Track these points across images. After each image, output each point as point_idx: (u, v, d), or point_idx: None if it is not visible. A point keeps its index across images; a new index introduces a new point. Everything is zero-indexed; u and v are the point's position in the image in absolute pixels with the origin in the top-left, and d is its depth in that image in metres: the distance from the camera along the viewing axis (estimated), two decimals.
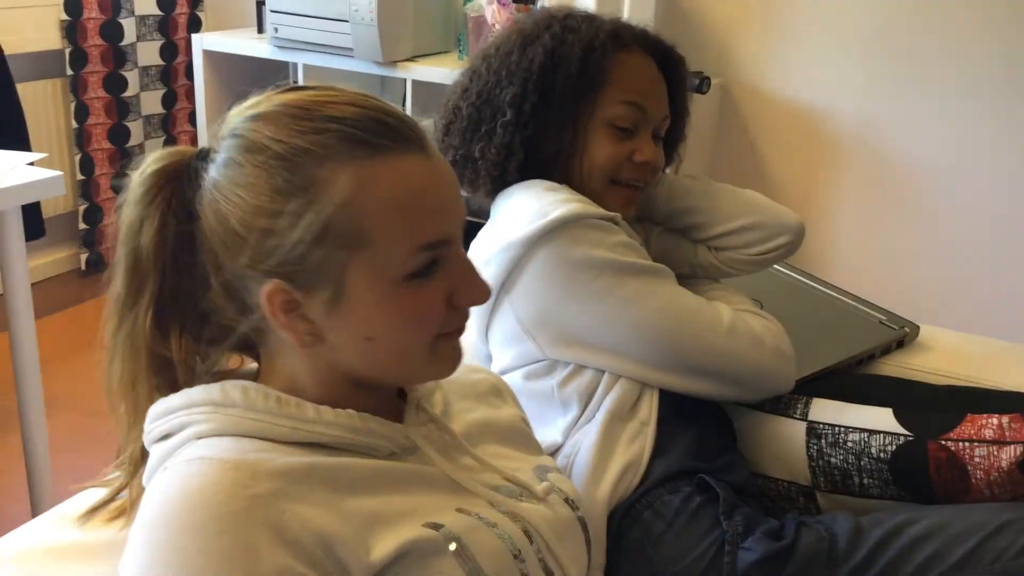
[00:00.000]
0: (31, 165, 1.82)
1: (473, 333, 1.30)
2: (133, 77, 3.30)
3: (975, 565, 1.02)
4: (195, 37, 3.20)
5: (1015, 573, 1.01)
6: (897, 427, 1.21)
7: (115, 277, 0.83)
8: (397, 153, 0.78)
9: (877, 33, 2.72)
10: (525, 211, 1.22)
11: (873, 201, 2.86)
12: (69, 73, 3.11)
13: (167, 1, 3.38)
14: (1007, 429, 1.16)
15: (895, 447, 1.20)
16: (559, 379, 1.22)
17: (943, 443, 1.17)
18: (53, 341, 2.47)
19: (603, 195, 1.28)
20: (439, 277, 0.80)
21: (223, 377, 0.85)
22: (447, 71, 1.36)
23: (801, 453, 1.25)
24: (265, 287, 0.78)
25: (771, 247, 1.35)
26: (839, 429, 1.24)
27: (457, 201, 0.83)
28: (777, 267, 1.71)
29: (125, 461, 0.88)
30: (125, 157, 3.35)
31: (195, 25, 3.51)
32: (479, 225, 1.32)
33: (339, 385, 0.84)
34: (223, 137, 0.81)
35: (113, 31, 3.20)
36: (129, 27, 3.24)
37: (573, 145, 1.29)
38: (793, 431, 1.27)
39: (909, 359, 1.53)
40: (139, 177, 0.82)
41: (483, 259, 1.23)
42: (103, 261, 3.33)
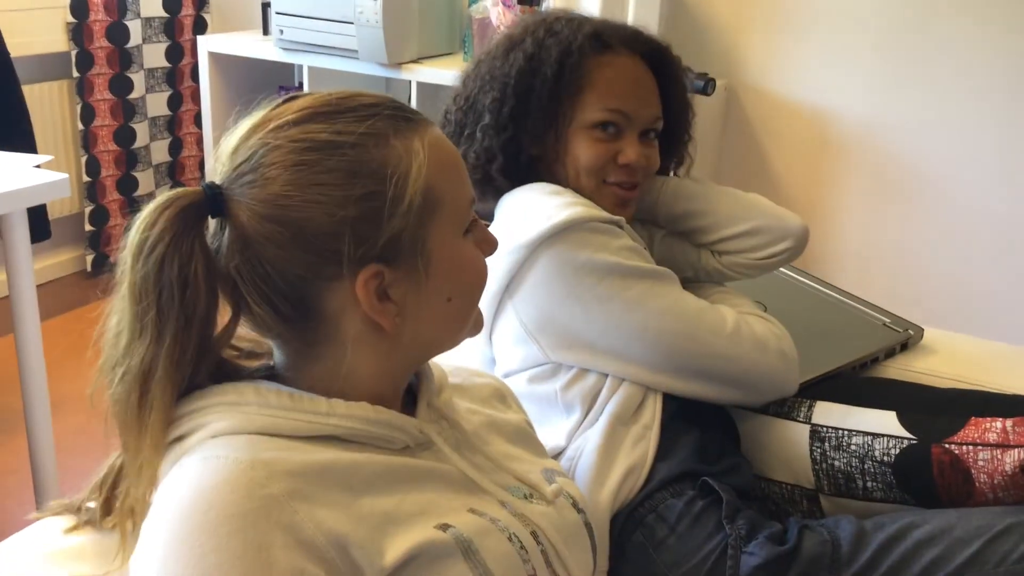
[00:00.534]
0: (37, 167, 1.82)
1: (477, 337, 1.30)
2: (139, 79, 3.31)
3: (979, 569, 1.02)
4: (200, 39, 3.21)
5: None
6: (901, 430, 1.21)
7: (138, 317, 0.78)
8: (424, 125, 0.84)
9: (883, 34, 2.72)
10: (529, 214, 1.22)
11: (878, 203, 2.86)
12: (75, 75, 3.12)
13: (173, 3, 3.39)
14: (1011, 433, 1.16)
15: (899, 450, 1.20)
16: (562, 383, 1.22)
17: (947, 447, 1.17)
18: (59, 343, 2.47)
19: (595, 196, 1.28)
20: (472, 231, 0.88)
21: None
22: (452, 73, 1.37)
23: (805, 456, 1.25)
24: (362, 275, 0.79)
25: (774, 251, 1.35)
26: (843, 432, 1.24)
27: None
28: (781, 269, 1.71)
29: (101, 491, 0.87)
30: (131, 158, 3.36)
31: (201, 27, 3.52)
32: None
33: (388, 378, 0.85)
34: (256, 155, 0.79)
35: (119, 33, 3.21)
36: (135, 29, 3.25)
37: (556, 148, 1.30)
38: (797, 434, 1.27)
39: (913, 362, 1.52)
40: (157, 226, 0.77)
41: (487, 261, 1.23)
42: (109, 262, 3.34)
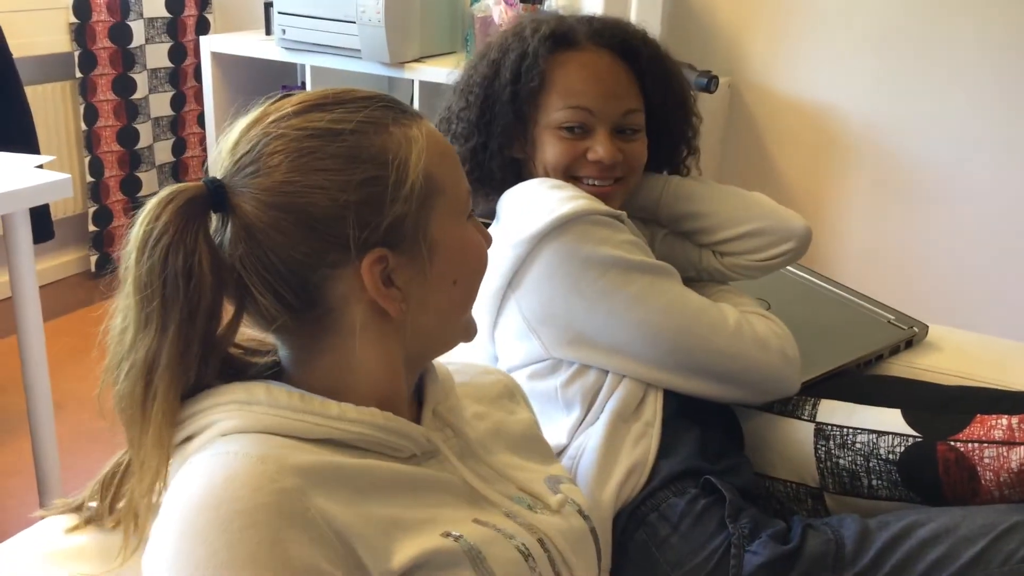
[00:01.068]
0: (40, 168, 1.82)
1: (480, 332, 1.30)
2: (142, 79, 3.31)
3: (983, 567, 1.02)
4: (203, 39, 3.21)
5: None
6: (906, 428, 1.21)
7: (141, 309, 0.78)
8: (420, 117, 0.85)
9: (886, 32, 2.71)
10: (531, 208, 1.21)
11: (882, 200, 2.85)
12: (78, 75, 3.13)
13: (175, 3, 3.39)
14: (1017, 430, 1.15)
15: (904, 448, 1.19)
16: (563, 379, 1.22)
17: (952, 444, 1.17)
18: (62, 343, 2.48)
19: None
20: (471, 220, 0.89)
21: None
22: (454, 72, 1.39)
23: (809, 455, 1.25)
24: (366, 259, 0.79)
25: (776, 253, 1.34)
26: (847, 430, 1.23)
27: None
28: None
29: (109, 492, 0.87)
30: (134, 159, 3.36)
31: (203, 27, 3.52)
32: (485, 224, 1.32)
33: (389, 377, 0.84)
34: (257, 145, 0.79)
35: (122, 33, 3.21)
36: (138, 29, 3.25)
37: (525, 150, 1.31)
38: (801, 433, 1.26)
39: (918, 359, 1.52)
40: (163, 218, 0.77)
41: (489, 256, 1.23)
42: (112, 263, 3.34)
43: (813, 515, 1.24)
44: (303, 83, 3.23)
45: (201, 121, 3.54)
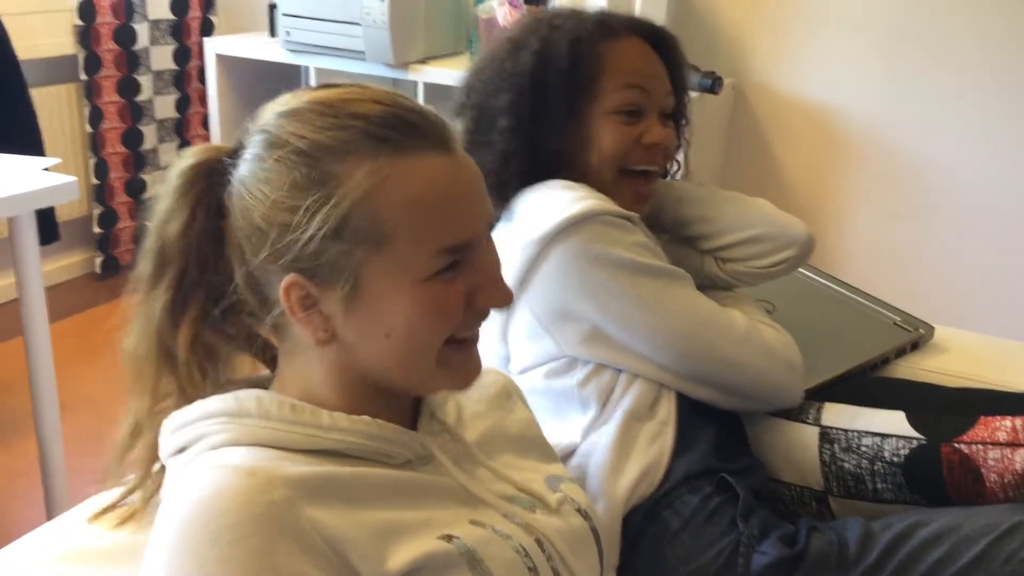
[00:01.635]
0: (45, 170, 1.83)
1: (491, 334, 1.30)
2: (147, 81, 3.32)
3: (985, 567, 1.02)
4: (208, 41, 3.22)
5: None
6: (910, 431, 1.21)
7: (141, 260, 0.84)
8: (419, 152, 0.78)
9: (891, 32, 2.71)
10: (543, 210, 1.21)
11: (887, 200, 2.85)
12: (83, 78, 3.13)
13: (180, 5, 3.39)
14: (1021, 431, 1.15)
15: (908, 451, 1.19)
16: (579, 378, 1.21)
17: (956, 446, 1.17)
18: (68, 345, 2.48)
19: (615, 187, 1.27)
20: (462, 275, 0.80)
21: (235, 386, 0.86)
22: (459, 73, 1.37)
23: (814, 458, 1.25)
24: (284, 281, 0.78)
25: (777, 260, 1.34)
26: (852, 434, 1.23)
27: (483, 201, 0.82)
28: None
29: (137, 461, 0.88)
30: (139, 161, 3.36)
31: (208, 29, 3.52)
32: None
33: (355, 390, 0.83)
34: (253, 133, 0.81)
35: (126, 36, 3.21)
36: (142, 32, 3.26)
37: (578, 139, 1.28)
38: (806, 436, 1.26)
39: (923, 361, 1.52)
40: (175, 171, 0.83)
41: (502, 258, 1.23)
42: (118, 265, 3.35)
43: (818, 518, 1.23)
44: (307, 85, 3.23)
45: (206, 123, 3.55)
